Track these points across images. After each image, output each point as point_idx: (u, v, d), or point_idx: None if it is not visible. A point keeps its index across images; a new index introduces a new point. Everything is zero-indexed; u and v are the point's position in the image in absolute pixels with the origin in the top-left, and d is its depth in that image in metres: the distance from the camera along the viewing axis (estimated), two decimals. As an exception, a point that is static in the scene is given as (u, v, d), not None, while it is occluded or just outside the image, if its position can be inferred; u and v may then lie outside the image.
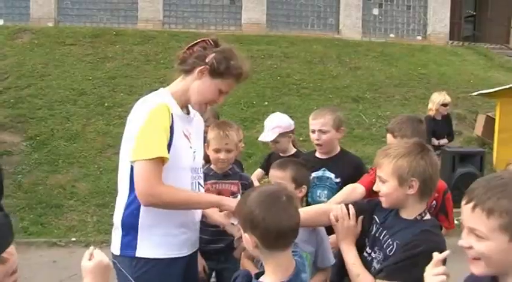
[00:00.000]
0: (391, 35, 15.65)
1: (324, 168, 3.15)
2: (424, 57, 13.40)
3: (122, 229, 2.12)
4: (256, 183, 4.03)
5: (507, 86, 8.83)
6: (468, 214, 1.35)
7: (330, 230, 2.33)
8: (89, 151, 7.95)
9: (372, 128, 9.46)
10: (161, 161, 1.99)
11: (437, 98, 6.92)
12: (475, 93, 9.76)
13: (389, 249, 1.95)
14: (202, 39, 2.20)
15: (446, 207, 3.00)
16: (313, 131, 3.19)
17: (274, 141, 3.80)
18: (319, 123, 3.15)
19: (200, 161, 2.33)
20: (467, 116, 10.39)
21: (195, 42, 2.20)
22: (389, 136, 2.95)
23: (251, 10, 14.28)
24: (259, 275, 1.69)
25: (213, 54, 2.13)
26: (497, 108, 8.95)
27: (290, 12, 14.93)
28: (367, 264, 2.04)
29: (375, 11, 15.68)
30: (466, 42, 16.16)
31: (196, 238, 2.32)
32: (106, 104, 9.21)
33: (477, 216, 1.33)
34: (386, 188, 1.98)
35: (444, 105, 6.86)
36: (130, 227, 2.09)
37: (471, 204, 1.34)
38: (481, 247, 1.33)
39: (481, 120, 9.76)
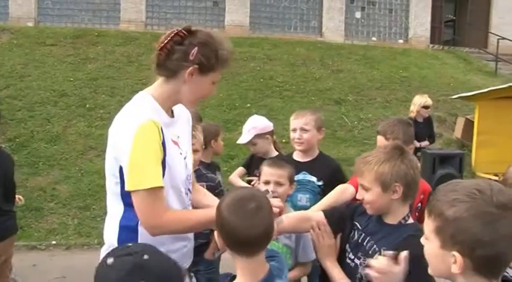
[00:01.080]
0: (373, 38, 15.80)
1: (304, 172, 3.13)
2: (406, 61, 13.56)
3: None
4: (237, 180, 4.06)
5: (485, 90, 9.00)
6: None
7: None
8: (70, 153, 7.86)
9: (354, 130, 9.54)
10: (160, 188, 1.81)
11: (419, 100, 7.02)
12: (455, 96, 9.92)
13: (376, 255, 1.92)
14: (173, 31, 1.93)
15: None
16: (295, 130, 3.19)
17: (251, 143, 3.79)
18: (300, 122, 3.17)
19: (190, 163, 2.14)
20: (447, 119, 10.54)
21: (166, 39, 1.94)
22: (380, 138, 2.94)
23: (234, 12, 14.29)
24: (234, 278, 1.66)
25: (197, 49, 1.87)
26: (476, 111, 9.10)
27: (273, 15, 14.98)
28: (351, 271, 2.03)
29: (358, 15, 15.82)
30: (446, 46, 16.42)
31: (193, 245, 2.17)
32: (87, 106, 9.12)
33: (426, 216, 1.35)
34: (370, 195, 1.97)
35: (425, 107, 6.95)
36: None
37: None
38: (425, 249, 1.35)
39: (460, 122, 9.91)
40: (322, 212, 2.21)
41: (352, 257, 2.06)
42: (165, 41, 1.93)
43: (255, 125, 3.80)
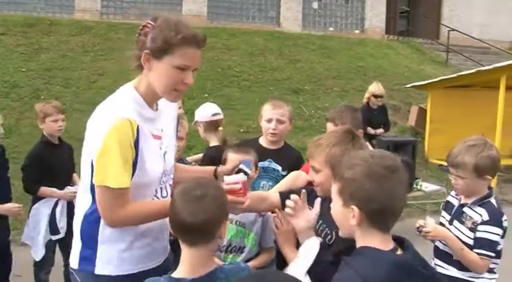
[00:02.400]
0: (330, 29, 16.02)
1: (269, 160, 3.14)
2: (362, 51, 13.84)
3: (81, 240, 1.93)
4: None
5: (437, 79, 9.33)
6: None
7: None
8: (24, 146, 7.61)
9: (311, 119, 9.68)
10: (123, 189, 1.80)
11: (371, 88, 7.24)
12: (409, 85, 10.23)
13: (328, 238, 1.97)
14: (143, 25, 1.91)
15: None
16: (270, 121, 3.16)
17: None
18: (278, 113, 3.15)
19: (172, 157, 2.09)
20: (401, 107, 10.85)
21: (137, 33, 1.93)
22: (330, 125, 2.97)
23: (192, 2, 14.17)
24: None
25: (151, 34, 1.85)
26: (429, 100, 9.43)
27: (231, 5, 14.94)
28: None
29: (315, 5, 15.99)
30: (401, 37, 16.84)
31: (165, 247, 2.11)
32: (42, 97, 8.86)
33: (332, 182, 1.58)
34: (320, 177, 1.99)
35: (376, 96, 7.14)
36: (89, 239, 1.90)
37: None
38: (332, 209, 1.56)
39: (414, 111, 10.23)
40: (279, 193, 2.23)
41: None
42: (136, 35, 1.92)
43: (196, 113, 3.93)
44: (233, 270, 1.66)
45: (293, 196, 1.92)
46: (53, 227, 3.93)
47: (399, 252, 1.46)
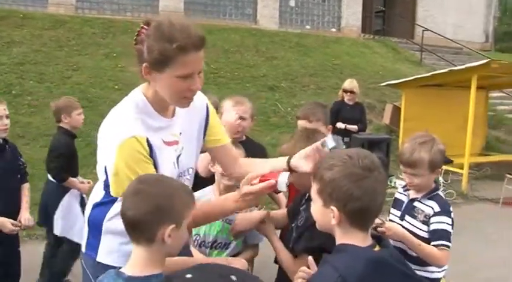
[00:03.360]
0: (307, 27, 16.11)
1: None
2: (338, 49, 13.96)
3: (88, 226, 1.99)
4: None
5: (411, 78, 9.48)
6: None
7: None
8: (-5, 141, 7.50)
9: (287, 116, 9.73)
10: None
11: (344, 84, 7.37)
12: (383, 84, 10.35)
13: (299, 221, 2.10)
14: (138, 30, 1.78)
15: None
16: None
17: None
18: (241, 109, 3.13)
19: (189, 157, 2.04)
20: (376, 105, 10.99)
21: (134, 40, 1.79)
22: (302, 122, 3.00)
23: (168, -3, 14.06)
24: None
25: (146, 43, 1.72)
26: (403, 98, 9.57)
27: (208, 1, 14.88)
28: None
29: (292, 3, 16.05)
30: (377, 36, 17.05)
31: None
32: (14, 92, 8.68)
33: (312, 182, 1.58)
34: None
35: (345, 91, 7.23)
36: (94, 228, 1.94)
37: None
38: (312, 209, 1.58)
39: (388, 109, 10.37)
40: None
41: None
42: (133, 42, 1.78)
43: None
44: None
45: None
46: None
47: (377, 248, 1.49)
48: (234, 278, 1.23)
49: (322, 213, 1.50)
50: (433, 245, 2.32)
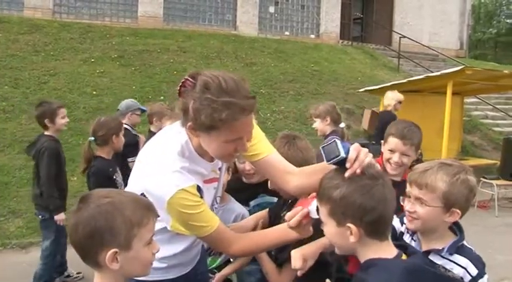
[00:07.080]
0: (286, 33, 16.21)
1: None
2: (317, 55, 14.07)
3: None
4: None
5: (389, 84, 9.60)
6: None
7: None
8: (-30, 147, 7.34)
9: (267, 122, 9.76)
10: (216, 227, 1.75)
11: (399, 96, 7.58)
12: (362, 89, 10.46)
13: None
14: (184, 79, 1.66)
15: None
16: None
17: None
18: None
19: (220, 192, 2.05)
20: (355, 111, 11.09)
21: (177, 91, 1.68)
22: (395, 140, 2.59)
23: (148, 3, 14.00)
24: None
25: (192, 103, 1.60)
26: (381, 103, 9.67)
27: (187, 7, 14.86)
28: None
29: (271, 9, 16.13)
30: (355, 42, 17.24)
31: (191, 259, 2.09)
32: (-12, 97, 8.56)
33: (318, 205, 1.53)
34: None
35: (400, 102, 7.51)
36: None
37: None
38: (325, 233, 1.51)
39: (367, 114, 10.48)
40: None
41: None
42: (177, 91, 1.68)
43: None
44: None
45: None
46: None
47: (404, 257, 1.46)
48: None
49: (338, 233, 1.44)
50: None
